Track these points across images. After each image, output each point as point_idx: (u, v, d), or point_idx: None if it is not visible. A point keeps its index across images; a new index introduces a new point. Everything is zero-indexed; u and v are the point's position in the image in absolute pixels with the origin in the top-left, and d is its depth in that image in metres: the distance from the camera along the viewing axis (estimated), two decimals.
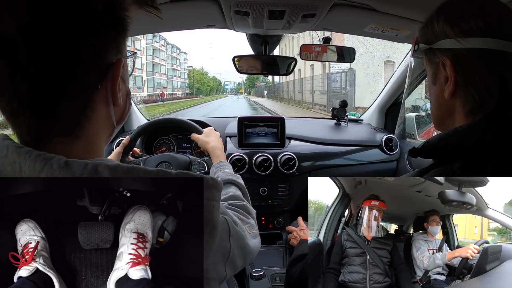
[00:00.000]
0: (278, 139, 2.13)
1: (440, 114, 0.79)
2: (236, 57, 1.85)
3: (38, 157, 0.56)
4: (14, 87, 0.55)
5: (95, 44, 0.59)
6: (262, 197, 2.09)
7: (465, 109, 0.72)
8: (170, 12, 1.44)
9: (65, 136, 0.60)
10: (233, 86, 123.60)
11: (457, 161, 0.70)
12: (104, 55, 0.60)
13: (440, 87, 0.75)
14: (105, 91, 0.63)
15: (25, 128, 0.58)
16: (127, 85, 0.71)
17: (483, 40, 0.69)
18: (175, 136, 2.23)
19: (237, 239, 0.77)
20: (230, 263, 0.75)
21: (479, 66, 0.70)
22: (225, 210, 0.79)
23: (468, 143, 0.69)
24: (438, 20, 0.74)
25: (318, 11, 1.38)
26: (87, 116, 0.61)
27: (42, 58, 0.55)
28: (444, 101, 0.75)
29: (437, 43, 0.74)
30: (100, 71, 0.61)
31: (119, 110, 0.69)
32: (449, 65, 0.72)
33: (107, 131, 0.69)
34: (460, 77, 0.71)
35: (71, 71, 0.57)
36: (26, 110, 0.56)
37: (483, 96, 0.70)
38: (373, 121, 2.53)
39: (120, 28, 0.63)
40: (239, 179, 1.16)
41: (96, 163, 0.58)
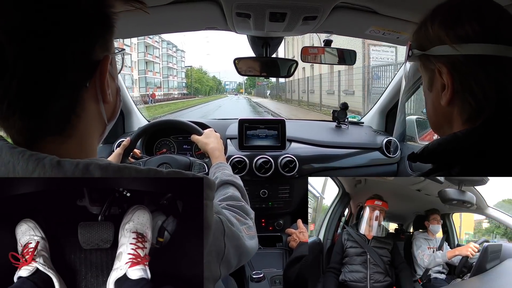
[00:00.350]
0: (278, 141, 2.13)
1: (437, 120, 0.77)
2: (237, 59, 1.85)
3: (30, 157, 0.56)
4: (3, 88, 0.55)
5: (82, 42, 0.59)
6: (262, 199, 2.09)
7: (462, 117, 0.71)
8: (171, 14, 1.45)
9: (56, 135, 0.61)
10: (234, 86, 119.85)
11: (456, 166, 0.69)
12: (91, 53, 0.61)
13: (437, 94, 0.74)
14: (94, 89, 0.63)
15: (16, 129, 0.59)
16: (116, 82, 0.71)
17: (480, 46, 0.67)
18: (176, 138, 2.23)
19: (232, 239, 0.77)
20: (225, 263, 0.75)
21: (477, 73, 0.68)
22: (220, 210, 0.79)
23: (467, 148, 0.68)
24: (433, 24, 0.72)
25: (319, 13, 1.38)
26: (78, 115, 0.62)
27: (29, 58, 0.55)
28: (441, 108, 0.73)
29: (432, 49, 0.72)
30: (88, 69, 0.61)
31: (110, 107, 0.69)
32: (446, 72, 0.70)
33: (98, 129, 0.69)
34: (458, 85, 0.69)
35: (59, 70, 0.57)
36: (16, 111, 0.57)
37: (481, 103, 0.68)
38: (374, 124, 2.53)
39: (106, 25, 0.63)
40: (238, 180, 1.16)
41: (87, 163, 0.58)
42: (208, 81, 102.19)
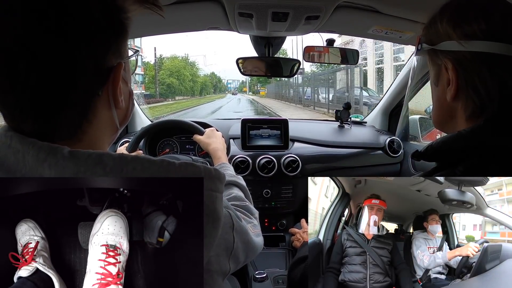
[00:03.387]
0: (281, 141, 2.13)
1: (442, 115, 0.77)
2: (239, 59, 1.85)
3: (42, 146, 0.56)
4: (16, 96, 0.55)
5: (95, 50, 0.58)
6: (265, 199, 2.09)
7: (466, 113, 0.71)
8: (174, 14, 1.44)
9: (67, 140, 0.60)
10: (237, 85, 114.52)
11: (460, 164, 0.69)
12: (104, 60, 0.60)
13: (443, 89, 0.74)
14: (107, 96, 0.63)
15: (26, 133, 0.58)
16: (129, 86, 0.70)
17: (486, 43, 0.67)
18: (179, 138, 2.24)
19: (241, 233, 0.77)
20: (234, 257, 0.74)
21: (481, 70, 0.68)
22: (228, 205, 0.79)
23: (472, 147, 0.67)
24: (442, 21, 0.72)
25: (321, 13, 1.38)
26: (89, 121, 0.61)
27: (42, 67, 0.54)
28: (446, 103, 0.73)
29: (439, 44, 0.72)
30: (100, 76, 0.60)
31: (122, 112, 0.68)
32: (451, 68, 0.70)
33: (110, 133, 0.69)
34: (462, 81, 0.70)
35: (71, 78, 0.56)
36: (28, 117, 0.57)
37: (483, 101, 0.68)
38: (377, 123, 2.52)
39: (120, 31, 0.62)
40: (240, 180, 1.16)
41: (100, 153, 0.58)
42: (197, 76, 72.56)
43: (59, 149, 0.56)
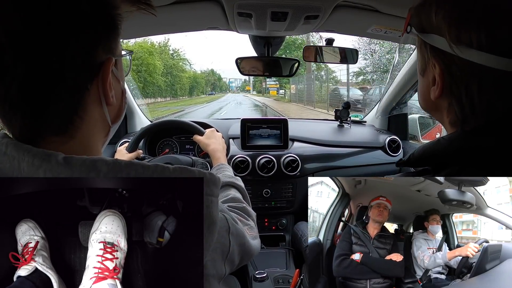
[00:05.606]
0: (281, 141, 2.13)
1: (426, 106, 0.73)
2: (239, 58, 1.85)
3: (36, 153, 0.56)
4: (4, 89, 0.55)
5: (83, 44, 0.58)
6: (265, 199, 2.09)
7: (448, 117, 0.67)
8: (173, 14, 1.45)
9: (59, 135, 0.60)
10: (239, 84, 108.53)
11: (442, 171, 0.66)
12: (93, 55, 0.60)
13: (427, 84, 0.69)
14: (97, 91, 0.63)
15: (18, 128, 0.59)
16: (122, 84, 0.70)
17: (482, 54, 0.58)
18: (178, 138, 2.24)
19: (237, 237, 0.77)
20: (229, 261, 0.75)
21: (470, 84, 0.61)
22: (224, 208, 0.79)
23: (451, 154, 0.64)
24: (437, 12, 0.63)
25: (321, 12, 1.38)
26: (80, 116, 0.61)
27: (29, 60, 0.55)
28: (430, 99, 0.69)
29: (429, 35, 0.65)
30: (90, 71, 0.60)
31: (113, 109, 0.68)
32: (439, 72, 0.64)
33: (103, 131, 0.68)
34: (447, 88, 0.64)
35: (59, 71, 0.56)
36: (18, 111, 0.57)
37: (466, 117, 0.63)
38: (376, 123, 2.52)
39: (109, 27, 0.62)
40: (239, 181, 1.16)
41: (94, 159, 0.58)
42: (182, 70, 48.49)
43: (53, 155, 0.56)
